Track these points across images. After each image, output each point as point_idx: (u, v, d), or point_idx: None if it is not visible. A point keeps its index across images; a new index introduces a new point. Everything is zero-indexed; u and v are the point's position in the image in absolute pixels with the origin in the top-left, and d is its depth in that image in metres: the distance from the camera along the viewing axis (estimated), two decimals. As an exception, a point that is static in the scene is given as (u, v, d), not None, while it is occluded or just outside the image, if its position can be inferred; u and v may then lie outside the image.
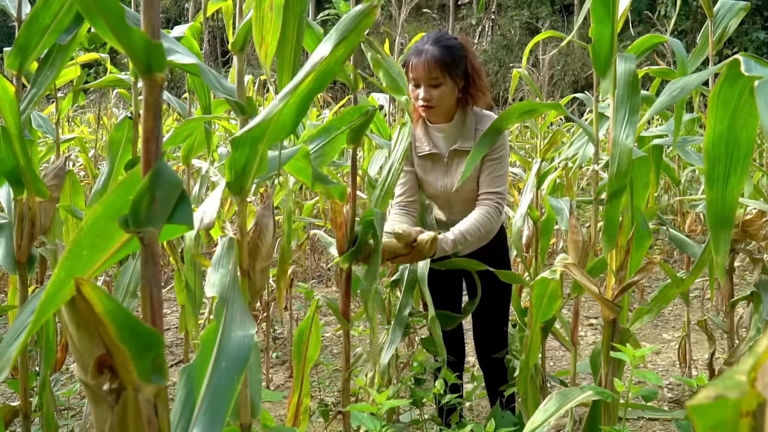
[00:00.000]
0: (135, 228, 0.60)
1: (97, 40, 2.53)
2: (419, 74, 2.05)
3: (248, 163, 0.98)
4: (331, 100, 6.13)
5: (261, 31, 0.94)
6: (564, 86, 16.06)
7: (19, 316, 0.83)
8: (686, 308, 2.93)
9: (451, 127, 2.15)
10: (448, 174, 2.19)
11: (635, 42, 1.94)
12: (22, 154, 1.31)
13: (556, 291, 1.71)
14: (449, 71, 2.05)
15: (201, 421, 0.67)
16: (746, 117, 0.98)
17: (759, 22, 15.52)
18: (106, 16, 0.58)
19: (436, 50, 2.04)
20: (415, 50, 2.09)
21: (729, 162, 1.03)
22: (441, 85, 2.06)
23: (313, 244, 5.11)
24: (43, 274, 2.21)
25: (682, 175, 4.07)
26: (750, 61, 0.93)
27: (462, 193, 2.19)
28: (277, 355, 3.54)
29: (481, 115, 2.18)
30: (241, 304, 0.84)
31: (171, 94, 2.62)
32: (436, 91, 2.06)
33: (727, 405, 0.32)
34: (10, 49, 1.35)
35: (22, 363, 1.50)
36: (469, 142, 2.13)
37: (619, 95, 1.56)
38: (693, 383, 1.80)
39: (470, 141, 2.13)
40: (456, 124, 2.15)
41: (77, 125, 7.28)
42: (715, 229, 1.11)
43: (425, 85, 2.06)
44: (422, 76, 2.05)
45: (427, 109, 2.09)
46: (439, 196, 2.23)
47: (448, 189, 2.19)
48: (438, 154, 2.18)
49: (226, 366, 0.71)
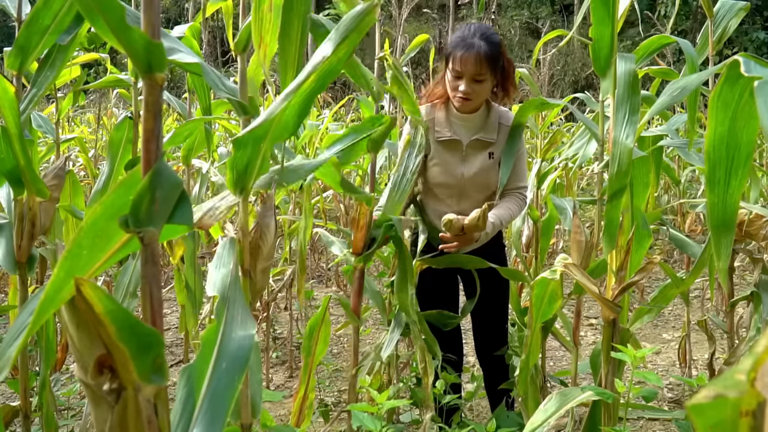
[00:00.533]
0: (135, 228, 0.60)
1: (97, 40, 2.53)
2: (467, 69, 2.02)
3: (250, 163, 0.98)
4: (331, 100, 6.13)
5: (260, 31, 0.94)
6: (564, 86, 16.07)
7: (19, 316, 0.83)
8: (686, 308, 2.93)
9: (475, 118, 2.15)
10: (464, 162, 2.17)
11: (643, 43, 1.94)
12: (22, 154, 1.31)
13: (556, 291, 1.71)
14: (494, 68, 2.05)
15: (201, 421, 0.67)
16: (747, 119, 0.97)
17: (759, 22, 15.52)
18: (107, 15, 0.58)
19: (486, 46, 2.01)
20: (463, 42, 2.04)
21: (730, 164, 1.02)
22: (484, 81, 2.05)
23: (313, 244, 5.11)
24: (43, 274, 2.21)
25: (682, 175, 4.07)
26: (750, 61, 0.92)
27: (476, 181, 2.17)
28: (277, 355, 3.54)
29: (501, 110, 2.19)
30: (242, 304, 0.84)
31: (171, 94, 2.62)
32: (478, 86, 2.05)
33: (726, 404, 0.32)
34: (10, 49, 1.36)
35: (22, 363, 1.50)
36: (492, 135, 2.14)
37: (620, 95, 1.56)
38: (693, 383, 1.81)
39: (492, 133, 2.15)
40: (481, 116, 2.15)
41: (77, 125, 7.28)
42: (717, 232, 1.09)
43: (469, 79, 2.04)
44: (470, 71, 2.02)
45: (464, 101, 2.08)
46: (452, 184, 2.18)
47: (465, 176, 2.16)
48: (458, 141, 2.15)
49: (227, 366, 0.71)
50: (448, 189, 2.20)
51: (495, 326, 2.36)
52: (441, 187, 2.20)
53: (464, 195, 2.19)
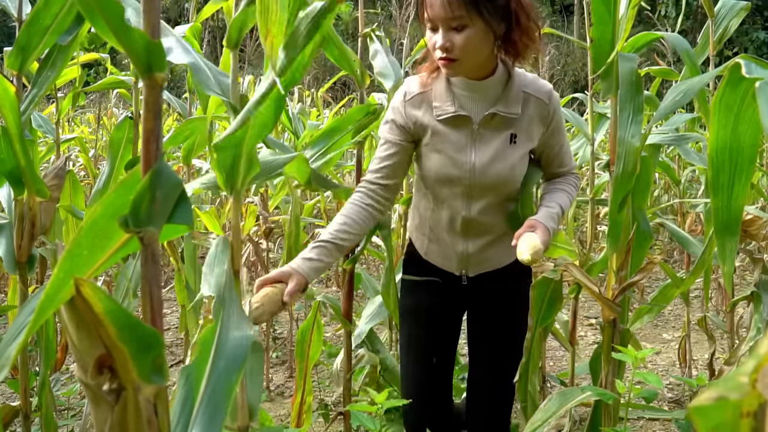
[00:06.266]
0: (135, 228, 0.59)
1: (97, 40, 2.53)
2: (435, 12, 1.41)
3: (235, 163, 0.98)
4: (331, 100, 6.13)
5: (266, 23, 0.94)
6: (564, 86, 16.06)
7: (19, 316, 0.83)
8: (686, 308, 2.93)
9: (488, 85, 1.51)
10: (477, 147, 1.53)
11: (630, 39, 1.91)
12: (22, 154, 1.31)
13: (557, 292, 1.71)
14: (479, 6, 1.38)
15: (200, 420, 0.68)
16: (749, 122, 0.96)
17: (759, 23, 15.52)
18: (107, 16, 0.58)
19: None
20: None
21: (733, 168, 1.01)
22: (467, 27, 1.40)
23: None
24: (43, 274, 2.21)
25: (682, 175, 4.07)
26: (750, 63, 0.92)
27: (492, 175, 1.53)
28: (277, 355, 3.53)
29: (528, 77, 1.57)
30: (237, 305, 0.84)
31: (171, 94, 2.62)
32: (459, 36, 1.41)
33: (728, 406, 0.32)
34: (10, 49, 1.36)
35: (22, 363, 1.50)
36: (514, 108, 1.51)
37: (623, 95, 1.56)
38: (693, 383, 1.81)
39: (515, 106, 1.52)
40: (497, 82, 1.52)
41: (77, 125, 7.28)
42: (721, 237, 1.08)
43: (445, 27, 1.41)
44: (439, 14, 1.40)
45: (447, 62, 1.44)
46: (458, 178, 1.54)
47: (477, 167, 1.53)
48: (466, 118, 1.52)
49: (225, 366, 0.71)
50: (452, 186, 1.56)
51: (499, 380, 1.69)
52: (442, 184, 1.57)
53: (475, 195, 1.56)
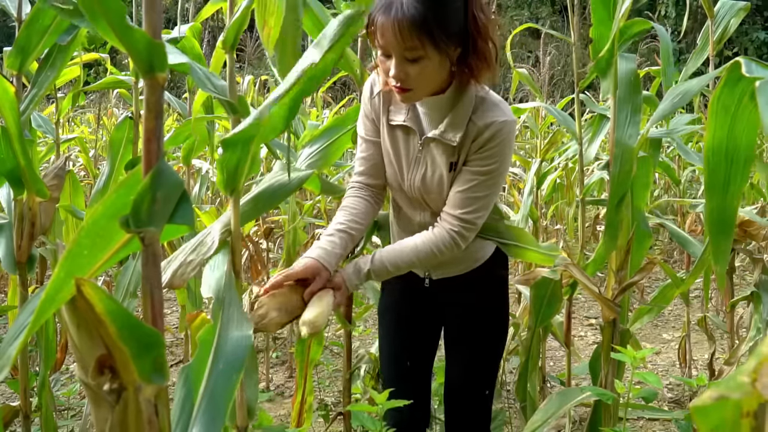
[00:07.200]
0: (136, 228, 0.59)
1: (97, 40, 2.53)
2: (388, 41, 1.29)
3: (240, 164, 0.98)
4: (332, 100, 6.13)
5: (264, 15, 0.94)
6: (564, 86, 16.06)
7: (19, 316, 0.83)
8: (686, 308, 2.93)
9: (440, 102, 1.41)
10: (419, 165, 1.47)
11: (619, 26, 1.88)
12: (22, 154, 1.31)
13: (556, 291, 1.71)
14: (435, 38, 1.27)
15: (200, 421, 0.68)
16: (746, 123, 0.97)
17: (759, 23, 15.51)
18: (108, 15, 0.58)
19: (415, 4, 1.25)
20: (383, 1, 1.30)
21: (729, 169, 1.01)
22: (421, 59, 1.30)
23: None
24: (43, 274, 2.21)
25: (682, 175, 4.08)
26: (750, 63, 0.92)
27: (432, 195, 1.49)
28: (277, 355, 3.53)
29: (486, 102, 1.41)
30: (237, 305, 0.84)
31: (171, 94, 2.62)
32: (413, 68, 1.31)
33: (728, 406, 0.32)
34: (10, 49, 1.36)
35: (22, 363, 1.50)
36: (456, 134, 1.40)
37: (621, 95, 1.57)
38: (693, 383, 1.81)
39: (458, 132, 1.40)
40: (446, 101, 1.41)
41: (77, 125, 7.27)
42: (715, 237, 1.08)
43: (397, 57, 1.31)
44: (392, 44, 1.29)
45: (401, 91, 1.36)
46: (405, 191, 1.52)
47: (414, 186, 1.48)
48: (413, 132, 1.46)
49: (224, 366, 0.72)
50: (402, 193, 1.55)
51: (475, 390, 1.62)
52: (394, 189, 1.56)
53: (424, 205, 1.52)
